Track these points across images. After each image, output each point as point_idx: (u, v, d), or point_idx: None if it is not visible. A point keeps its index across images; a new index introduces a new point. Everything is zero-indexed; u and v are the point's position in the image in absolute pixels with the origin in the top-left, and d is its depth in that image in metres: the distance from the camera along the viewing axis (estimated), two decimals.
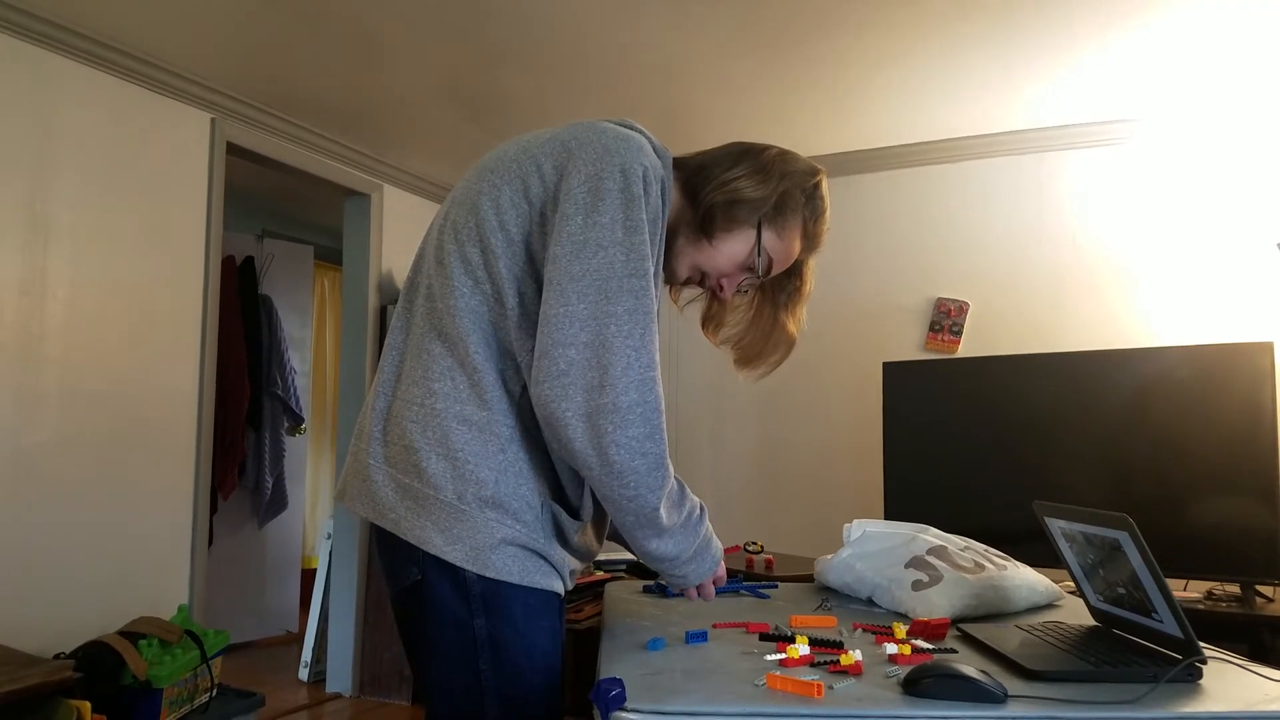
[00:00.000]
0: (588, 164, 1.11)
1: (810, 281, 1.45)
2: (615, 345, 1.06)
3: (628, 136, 1.16)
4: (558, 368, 1.05)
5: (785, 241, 1.32)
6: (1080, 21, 2.60)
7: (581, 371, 1.05)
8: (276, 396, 4.75)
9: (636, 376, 1.06)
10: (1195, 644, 1.08)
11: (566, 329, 1.06)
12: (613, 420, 1.05)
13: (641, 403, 1.06)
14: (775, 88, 3.14)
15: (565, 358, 1.05)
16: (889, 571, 1.54)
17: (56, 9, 2.60)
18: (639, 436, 1.07)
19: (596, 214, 1.08)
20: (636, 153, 1.13)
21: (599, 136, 1.15)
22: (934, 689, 0.97)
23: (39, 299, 2.68)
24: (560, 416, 1.06)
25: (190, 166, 3.16)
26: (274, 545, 4.85)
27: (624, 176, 1.10)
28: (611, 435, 1.05)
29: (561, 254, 1.08)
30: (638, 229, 1.09)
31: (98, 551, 2.83)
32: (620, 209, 1.09)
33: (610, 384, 1.05)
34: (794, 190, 1.30)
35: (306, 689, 4.04)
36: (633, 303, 1.08)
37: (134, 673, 2.37)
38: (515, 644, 1.14)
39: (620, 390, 1.05)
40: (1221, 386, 2.68)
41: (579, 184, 1.10)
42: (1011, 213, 3.57)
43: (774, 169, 1.29)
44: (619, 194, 1.09)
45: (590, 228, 1.08)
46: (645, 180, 1.12)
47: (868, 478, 3.59)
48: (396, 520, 1.14)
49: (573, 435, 1.06)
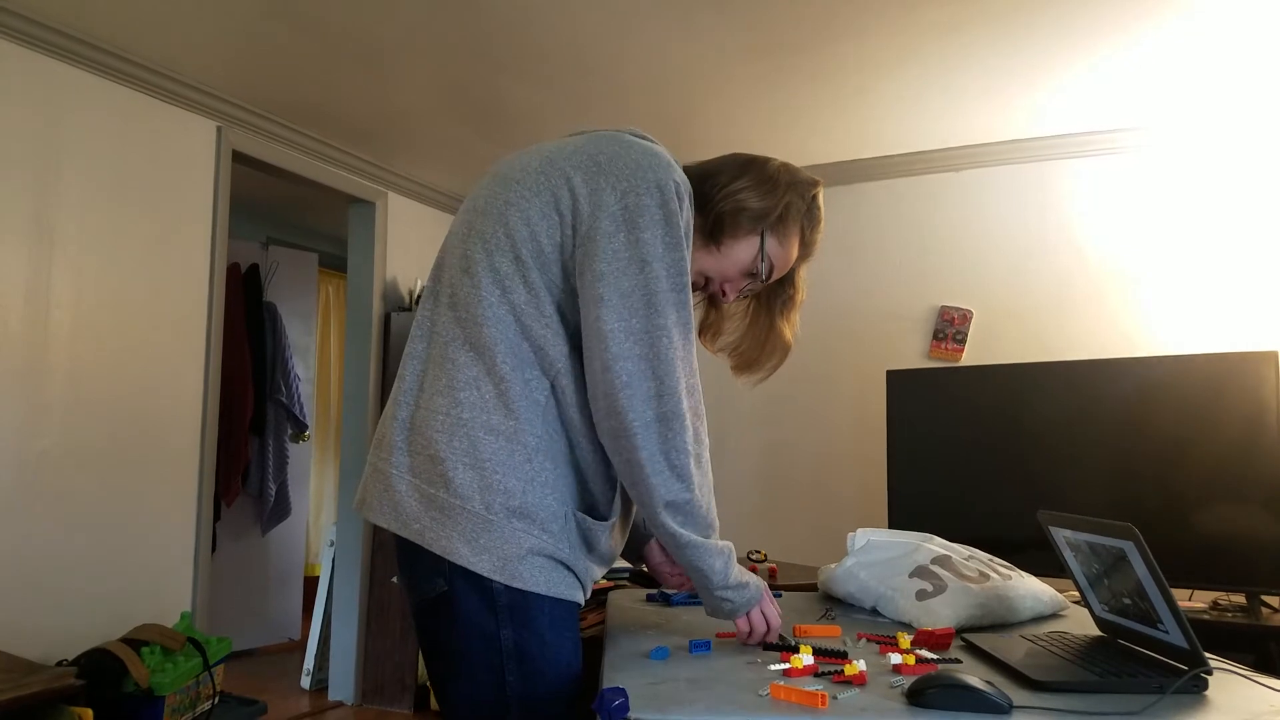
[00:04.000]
0: (622, 180, 1.15)
1: (803, 290, 1.50)
2: (666, 356, 1.12)
3: (656, 152, 1.20)
4: (621, 380, 1.10)
5: (786, 249, 1.38)
6: (1082, 30, 2.61)
7: (640, 383, 1.11)
8: (280, 403, 4.76)
9: (685, 385, 1.14)
10: (1201, 654, 1.07)
11: (624, 343, 1.11)
12: (672, 427, 1.12)
13: (689, 409, 1.14)
14: (776, 96, 3.15)
15: (626, 370, 1.11)
16: (893, 581, 1.53)
17: (65, 19, 2.62)
18: (689, 440, 1.14)
19: (638, 230, 1.13)
20: (668, 169, 1.17)
21: (628, 151, 1.18)
22: (938, 699, 0.97)
23: (44, 307, 2.69)
24: (629, 427, 1.11)
25: (196, 174, 3.17)
26: (277, 552, 4.85)
27: (660, 193, 1.14)
28: (672, 441, 1.12)
29: (609, 270, 1.12)
30: (677, 244, 1.15)
31: (101, 558, 2.83)
32: (661, 225, 1.14)
33: (667, 393, 1.12)
34: (796, 200, 1.36)
35: (309, 697, 4.03)
36: (677, 315, 1.14)
37: (136, 680, 2.37)
38: (541, 654, 1.15)
39: (675, 399, 1.12)
40: (1226, 395, 2.67)
41: (616, 201, 1.14)
42: (1014, 221, 3.57)
43: (779, 180, 1.35)
44: (658, 210, 1.14)
45: (634, 245, 1.12)
46: (679, 196, 1.17)
47: (871, 486, 3.58)
48: (421, 531, 1.14)
49: (641, 444, 1.11)
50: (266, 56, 2.88)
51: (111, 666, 2.38)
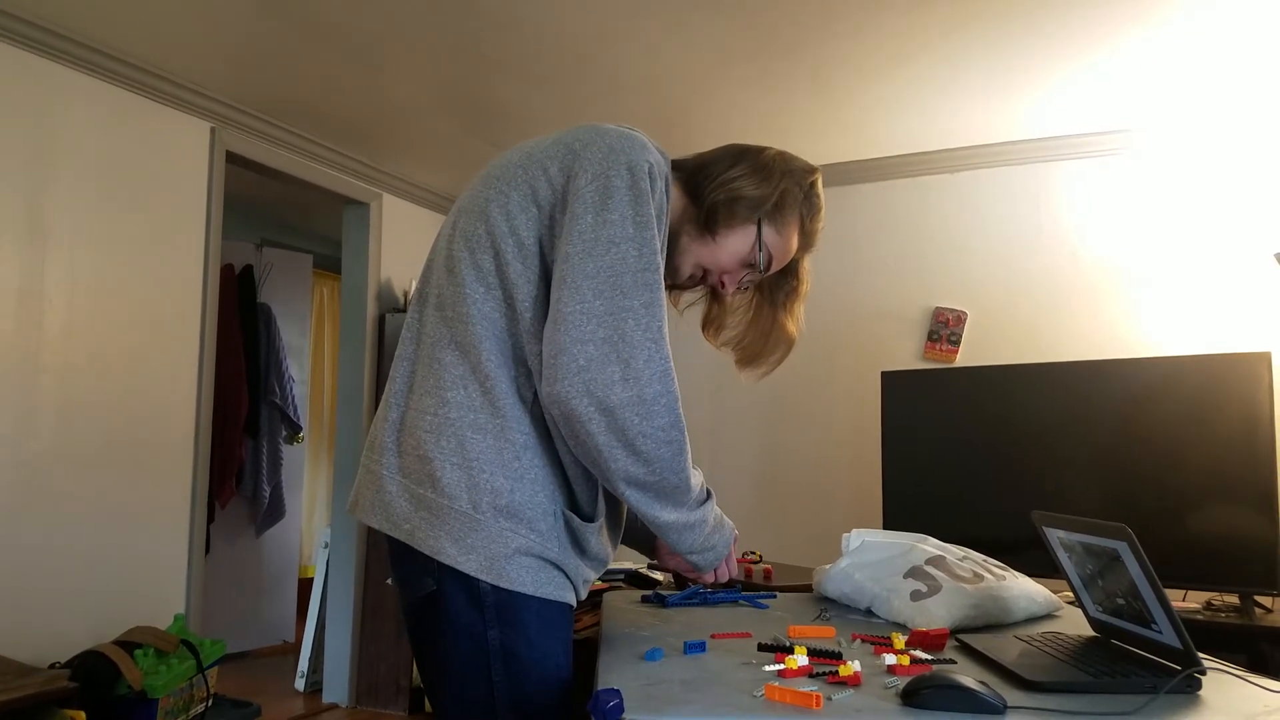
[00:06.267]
0: (594, 163, 1.13)
1: (807, 281, 1.48)
2: (635, 339, 1.07)
3: (630, 135, 1.18)
4: (577, 364, 1.06)
5: (784, 238, 1.35)
6: (1077, 32, 2.61)
7: (601, 367, 1.06)
8: (275, 405, 4.75)
9: (659, 368, 1.09)
10: (1194, 655, 1.07)
11: (584, 325, 1.06)
12: (639, 412, 1.07)
13: (665, 393, 1.09)
14: (772, 97, 3.15)
15: (584, 354, 1.06)
16: (887, 581, 1.53)
17: (58, 19, 2.61)
18: (664, 426, 1.09)
19: (606, 211, 1.10)
20: (641, 150, 1.15)
21: (602, 136, 1.17)
22: (933, 700, 0.97)
23: (37, 308, 2.68)
24: (580, 412, 1.06)
25: (190, 175, 3.16)
26: (271, 554, 4.84)
27: (631, 173, 1.12)
28: (639, 426, 1.08)
29: (574, 252, 1.09)
30: (647, 224, 1.11)
31: (94, 561, 2.82)
32: (630, 205, 1.11)
33: (635, 377, 1.07)
34: (793, 188, 1.34)
35: (303, 699, 4.02)
36: (648, 296, 1.10)
37: (129, 683, 2.36)
38: (529, 655, 1.14)
39: (645, 383, 1.07)
40: (1219, 396, 2.68)
41: (587, 183, 1.11)
42: (1009, 222, 3.58)
43: (774, 167, 1.33)
44: (627, 190, 1.11)
45: (601, 225, 1.09)
46: (651, 176, 1.14)
47: (866, 487, 3.59)
48: (411, 531, 1.13)
49: (594, 430, 1.07)
50: (260, 57, 2.88)
51: (105, 669, 2.37)
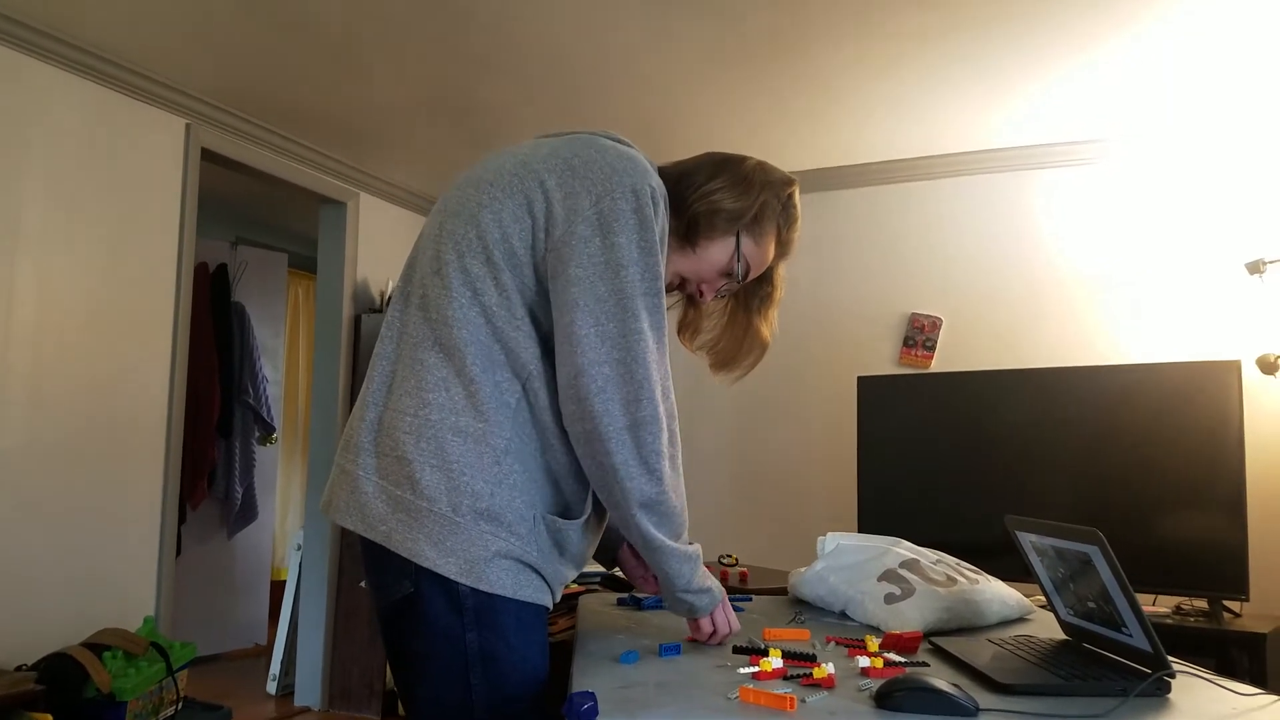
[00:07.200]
0: (597, 184, 1.15)
1: (781, 287, 1.49)
2: (641, 360, 1.12)
3: (632, 156, 1.20)
4: (596, 385, 1.10)
5: (762, 248, 1.38)
6: (1056, 43, 2.64)
7: (617, 387, 1.11)
8: (248, 405, 4.70)
9: (659, 387, 1.14)
10: (1164, 658, 1.09)
11: (600, 348, 1.11)
12: (649, 430, 1.12)
13: (665, 413, 1.14)
14: (754, 102, 3.16)
15: (602, 375, 1.11)
16: (862, 584, 1.54)
17: (30, 12, 2.57)
18: (664, 442, 1.15)
19: (613, 235, 1.13)
20: (644, 174, 1.17)
21: (603, 155, 1.18)
22: (906, 702, 0.97)
23: (6, 305, 2.64)
24: (603, 432, 1.11)
25: (164, 172, 3.13)
26: (243, 556, 4.79)
27: (636, 198, 1.14)
28: (650, 444, 1.13)
29: (584, 275, 1.12)
30: (652, 249, 1.15)
31: (63, 562, 2.78)
32: (635, 230, 1.14)
33: (644, 397, 1.12)
34: (771, 200, 1.36)
35: (275, 702, 3.98)
36: (651, 319, 1.14)
37: (98, 685, 2.32)
38: (507, 658, 1.14)
39: (651, 402, 1.12)
40: (1191, 403, 2.72)
41: (590, 205, 1.13)
42: (985, 230, 3.61)
43: (754, 179, 1.34)
44: (633, 215, 1.14)
45: (609, 249, 1.12)
46: (654, 201, 1.17)
47: (841, 491, 3.60)
48: (388, 533, 1.13)
49: (615, 449, 1.11)
50: (237, 53, 2.85)
51: (72, 671, 2.34)
